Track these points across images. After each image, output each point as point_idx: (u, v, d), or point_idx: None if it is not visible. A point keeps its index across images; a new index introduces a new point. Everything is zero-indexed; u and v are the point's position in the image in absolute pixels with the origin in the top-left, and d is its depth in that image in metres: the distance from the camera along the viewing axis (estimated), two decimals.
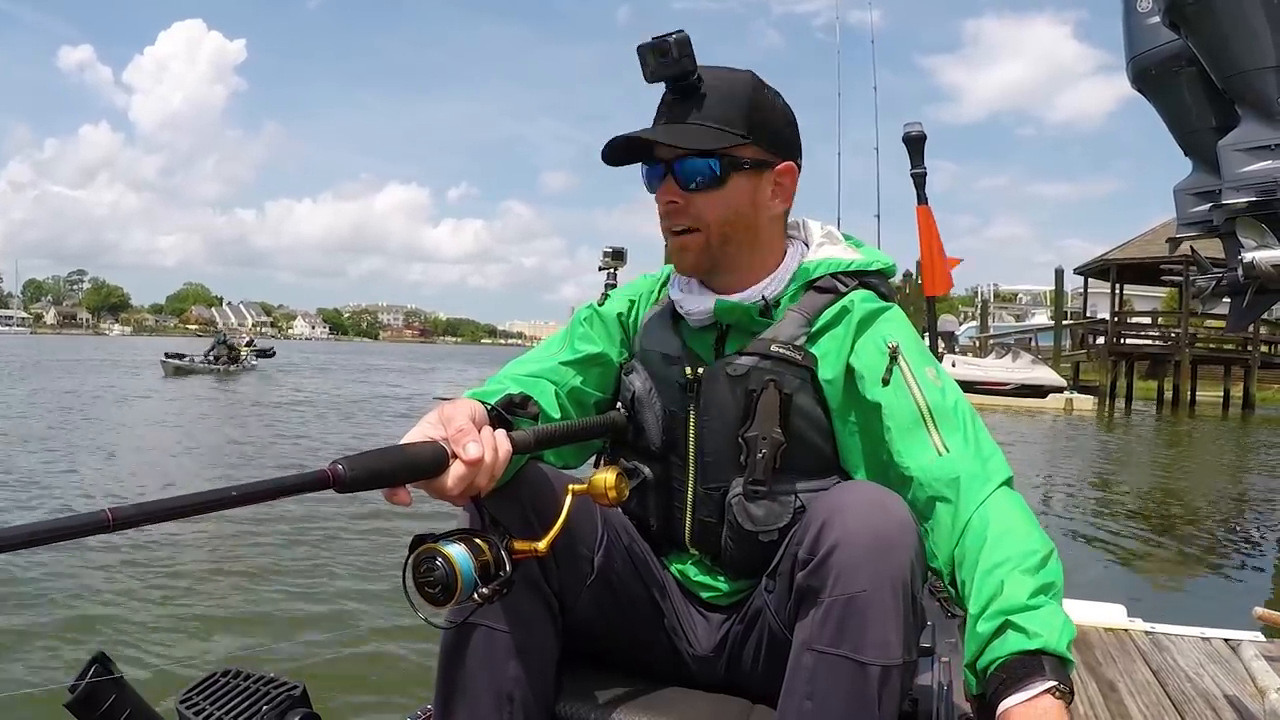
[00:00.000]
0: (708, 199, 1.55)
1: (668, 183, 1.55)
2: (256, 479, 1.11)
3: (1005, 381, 27.63)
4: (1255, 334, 29.93)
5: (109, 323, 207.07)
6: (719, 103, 1.53)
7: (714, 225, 1.56)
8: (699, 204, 1.55)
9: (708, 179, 1.53)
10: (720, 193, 1.55)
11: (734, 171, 1.55)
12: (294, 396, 22.97)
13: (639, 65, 1.50)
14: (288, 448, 12.46)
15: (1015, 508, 1.41)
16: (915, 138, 3.01)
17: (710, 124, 1.52)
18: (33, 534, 0.92)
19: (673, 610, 1.67)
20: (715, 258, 1.59)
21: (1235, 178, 6.78)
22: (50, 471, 9.62)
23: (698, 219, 1.56)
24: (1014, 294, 73.61)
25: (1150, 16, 7.89)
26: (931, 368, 1.56)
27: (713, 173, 1.53)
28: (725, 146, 1.53)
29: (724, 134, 1.53)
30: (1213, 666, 3.11)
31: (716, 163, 1.53)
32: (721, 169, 1.53)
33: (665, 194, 1.56)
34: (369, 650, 4.57)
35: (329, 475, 1.14)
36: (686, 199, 1.55)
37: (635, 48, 1.50)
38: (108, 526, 0.95)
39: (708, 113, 1.53)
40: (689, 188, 1.54)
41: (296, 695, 1.58)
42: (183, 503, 1.02)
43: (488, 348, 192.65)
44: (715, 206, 1.55)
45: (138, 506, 0.98)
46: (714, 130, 1.52)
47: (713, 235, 1.57)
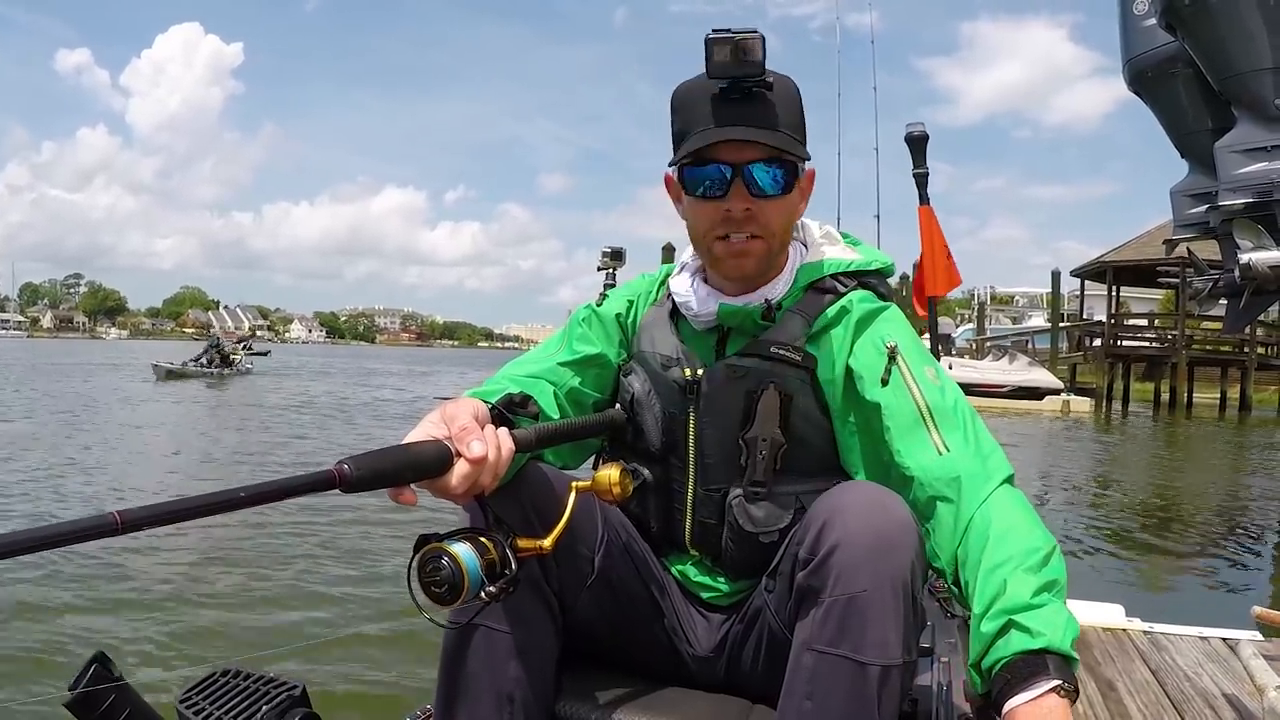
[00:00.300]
0: (776, 206, 1.54)
1: (738, 188, 1.52)
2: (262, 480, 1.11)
3: (1002, 384, 27.62)
4: (1252, 335, 29.99)
5: (106, 326, 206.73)
6: (786, 108, 1.52)
7: (778, 233, 1.57)
8: (767, 211, 1.54)
9: (780, 186, 1.53)
10: (786, 200, 1.55)
11: (796, 179, 1.55)
12: (289, 401, 22.63)
13: (690, 51, 1.49)
14: (286, 456, 12.26)
15: (1017, 505, 1.41)
16: (917, 138, 3.01)
17: (786, 130, 1.51)
18: (41, 539, 0.92)
19: (673, 610, 1.67)
20: (771, 263, 1.60)
21: (1232, 179, 6.78)
22: (36, 479, 9.48)
23: (765, 226, 1.54)
24: (1010, 296, 73.65)
25: (1146, 18, 7.89)
26: (930, 367, 1.56)
27: (785, 181, 1.53)
28: (800, 155, 1.53)
29: (796, 141, 1.53)
30: (1211, 666, 3.11)
31: (786, 170, 1.53)
32: (789, 176, 1.53)
33: (739, 201, 1.52)
34: (369, 650, 4.57)
35: (335, 475, 1.14)
36: (757, 206, 1.53)
37: (704, 38, 1.46)
38: (116, 530, 0.95)
39: (782, 118, 1.51)
40: (761, 194, 1.52)
41: (296, 695, 1.58)
42: (190, 505, 1.02)
43: (485, 351, 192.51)
44: (781, 214, 1.56)
45: (146, 509, 0.98)
46: (790, 137, 1.52)
47: (774, 243, 1.57)
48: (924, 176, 3.04)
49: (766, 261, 1.58)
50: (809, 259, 1.66)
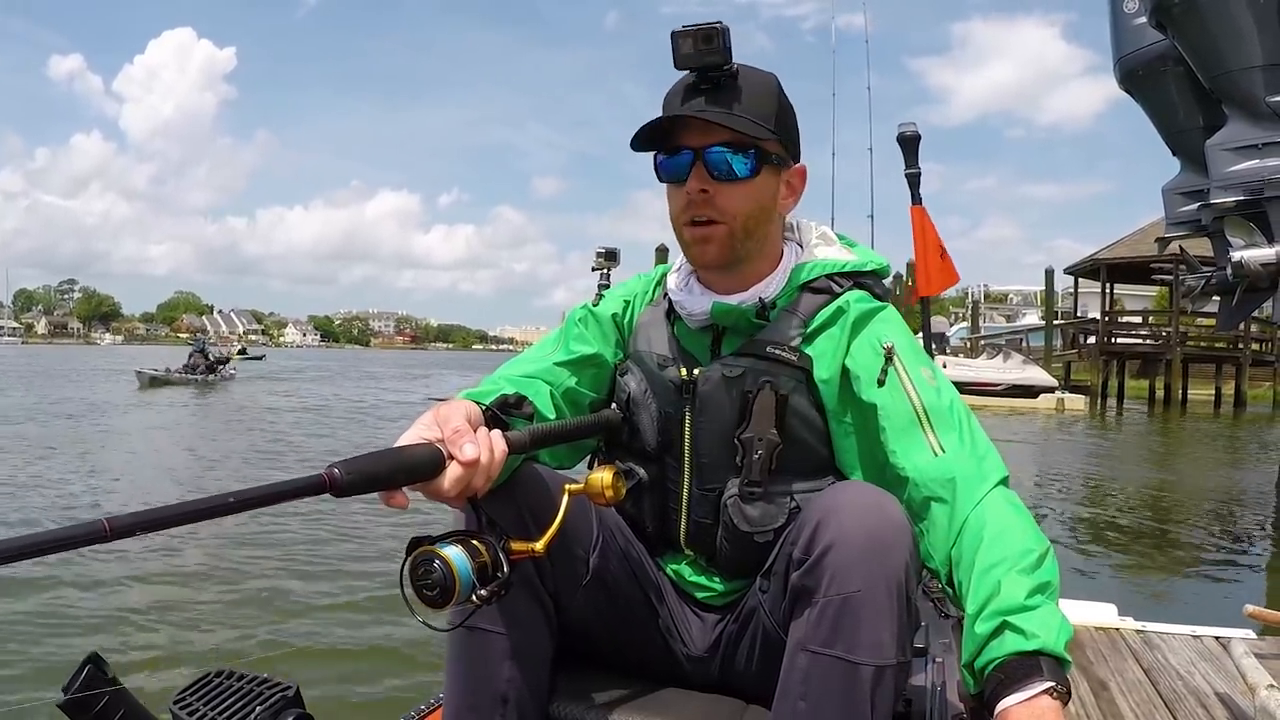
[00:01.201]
0: (738, 190, 1.55)
1: (697, 170, 1.53)
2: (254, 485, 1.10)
3: (997, 382, 27.66)
4: (1246, 332, 30.00)
5: (100, 332, 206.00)
6: (753, 96, 1.54)
7: (739, 219, 1.56)
8: (728, 195, 1.54)
9: (743, 170, 1.53)
10: (750, 185, 1.55)
11: (764, 166, 1.55)
12: (278, 408, 22.43)
13: (670, 50, 1.50)
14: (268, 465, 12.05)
15: (1011, 507, 1.41)
16: (910, 138, 3.01)
17: (748, 115, 1.52)
18: (29, 546, 0.92)
19: (668, 610, 1.67)
20: (737, 253, 1.59)
21: (1223, 177, 6.81)
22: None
23: (724, 211, 1.55)
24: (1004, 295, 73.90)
25: (1137, 17, 7.93)
26: (926, 368, 1.56)
27: (747, 164, 1.54)
28: (762, 139, 1.54)
29: (760, 126, 1.53)
30: (1204, 664, 3.11)
31: (754, 154, 1.53)
32: (756, 161, 1.54)
33: (695, 182, 1.54)
34: (363, 651, 4.57)
35: (325, 480, 1.14)
36: (716, 189, 1.54)
37: (670, 33, 1.50)
38: (105, 536, 0.95)
39: (746, 105, 1.52)
40: (720, 177, 1.53)
41: (290, 696, 1.58)
42: (180, 511, 1.02)
43: (480, 354, 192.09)
44: (744, 199, 1.55)
45: (135, 515, 0.98)
46: (753, 122, 1.53)
47: (737, 229, 1.56)
48: (916, 176, 3.05)
49: (730, 249, 1.58)
50: (804, 259, 1.66)
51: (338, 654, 4.53)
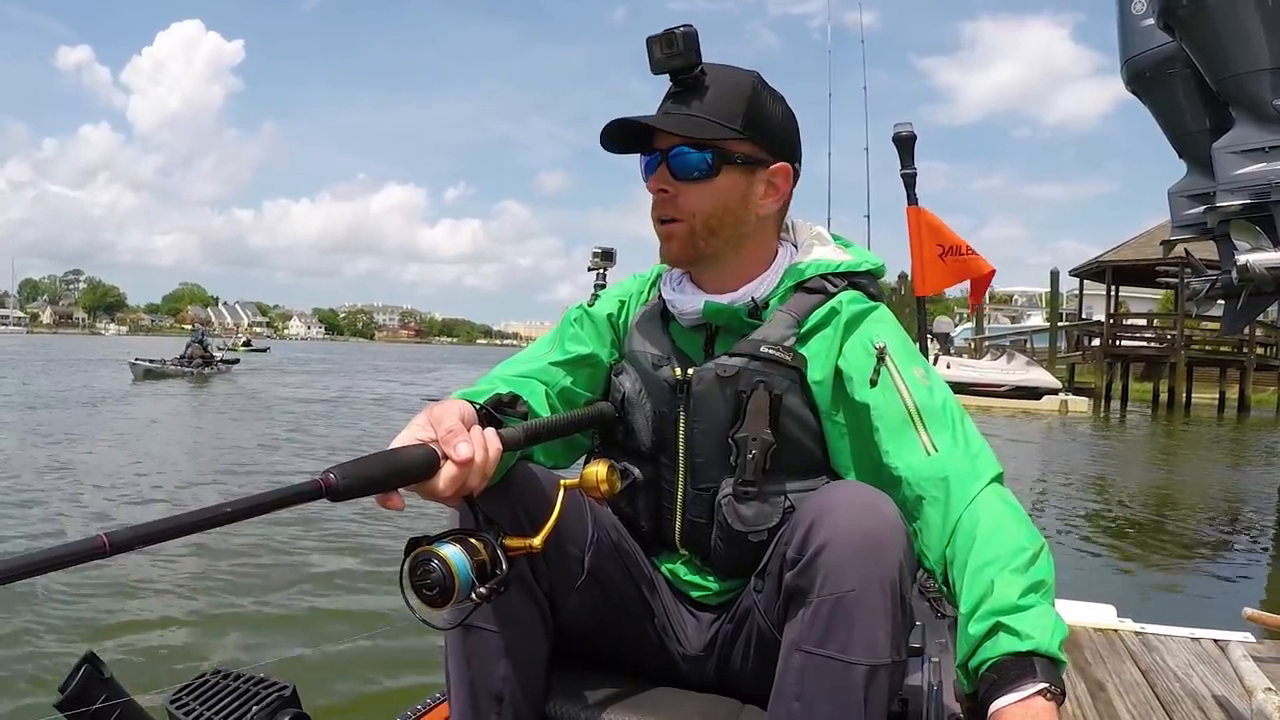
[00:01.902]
0: (697, 190, 1.56)
1: (660, 171, 1.56)
2: (249, 493, 1.11)
3: (1000, 383, 27.63)
4: (1251, 336, 29.98)
5: (105, 322, 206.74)
6: (718, 97, 1.54)
7: (699, 217, 1.57)
8: (688, 194, 1.56)
9: (700, 170, 1.55)
10: (710, 185, 1.56)
11: (725, 165, 1.56)
12: (278, 401, 22.47)
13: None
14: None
15: (1005, 505, 1.41)
16: (905, 138, 3.01)
17: (707, 116, 1.53)
18: (28, 565, 0.93)
19: (663, 610, 1.67)
20: (700, 250, 1.60)
21: (1229, 180, 6.79)
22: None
23: (684, 209, 1.57)
24: (1009, 295, 73.77)
25: (1145, 19, 7.90)
26: (919, 367, 1.56)
27: (705, 164, 1.54)
28: (719, 139, 1.54)
29: (720, 127, 1.54)
30: (1202, 667, 3.12)
31: (710, 154, 1.54)
32: (714, 161, 1.55)
33: (656, 182, 1.57)
34: (360, 650, 4.56)
35: (321, 485, 1.14)
36: (676, 188, 1.56)
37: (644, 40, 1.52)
38: (104, 552, 0.96)
39: (707, 106, 1.54)
40: (680, 177, 1.55)
41: (287, 695, 1.58)
42: (177, 523, 1.03)
43: (484, 348, 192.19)
44: (704, 198, 1.56)
45: (133, 529, 0.99)
46: (710, 123, 1.53)
47: (698, 226, 1.58)
48: (912, 177, 3.04)
49: (692, 246, 1.59)
50: (798, 259, 1.66)
51: (335, 654, 4.52)
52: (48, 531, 6.94)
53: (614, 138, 1.59)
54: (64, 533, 6.91)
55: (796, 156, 1.66)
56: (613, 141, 1.60)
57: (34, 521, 7.39)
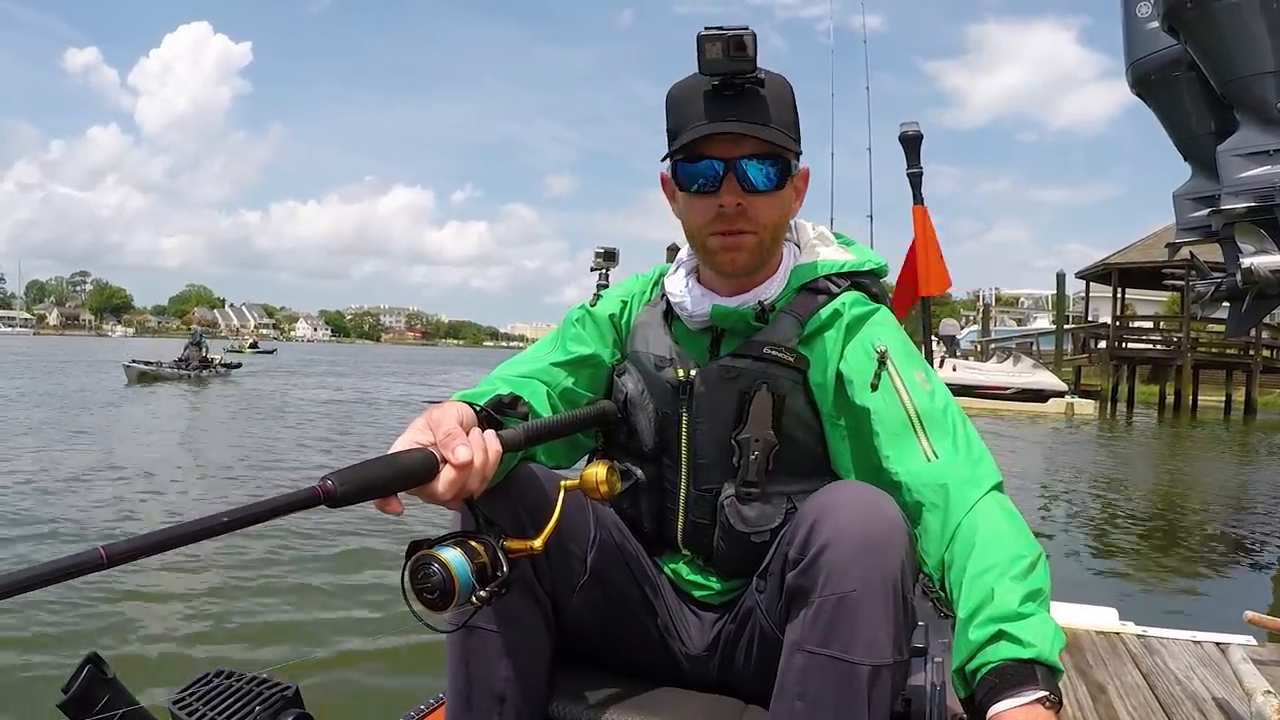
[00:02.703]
0: (767, 201, 1.54)
1: (729, 183, 1.52)
2: (248, 501, 1.12)
3: (1006, 386, 27.59)
4: (1257, 338, 29.93)
5: (111, 324, 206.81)
6: (779, 105, 1.53)
7: (768, 229, 1.56)
8: (759, 206, 1.54)
9: (773, 182, 1.53)
10: (778, 196, 1.55)
11: (789, 176, 1.56)
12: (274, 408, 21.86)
13: (695, 53, 1.47)
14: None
15: (1004, 512, 1.41)
16: (911, 137, 3.00)
17: (778, 126, 1.52)
18: (27, 579, 0.94)
19: (665, 610, 1.68)
20: (763, 260, 1.60)
21: (1234, 183, 6.77)
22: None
23: (755, 222, 1.54)
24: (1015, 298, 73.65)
25: (1150, 22, 7.89)
26: (920, 371, 1.56)
27: (778, 176, 1.53)
28: (789, 150, 1.54)
29: (788, 137, 1.53)
30: (1203, 670, 3.12)
31: (779, 166, 1.53)
32: (782, 172, 1.54)
33: (731, 196, 1.52)
34: (362, 651, 4.58)
35: (319, 492, 1.15)
36: (748, 201, 1.53)
37: (695, 35, 1.46)
38: (101, 564, 0.97)
39: (775, 115, 1.52)
40: (752, 189, 1.52)
41: (289, 695, 1.58)
42: (175, 533, 1.04)
43: (490, 350, 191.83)
44: (773, 209, 1.56)
45: (130, 542, 1.00)
46: (782, 133, 1.52)
47: (765, 238, 1.57)
48: (918, 176, 3.03)
49: (759, 256, 1.58)
50: (803, 260, 1.67)
51: (337, 654, 4.54)
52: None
53: (695, 146, 1.52)
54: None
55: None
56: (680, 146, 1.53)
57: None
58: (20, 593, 0.93)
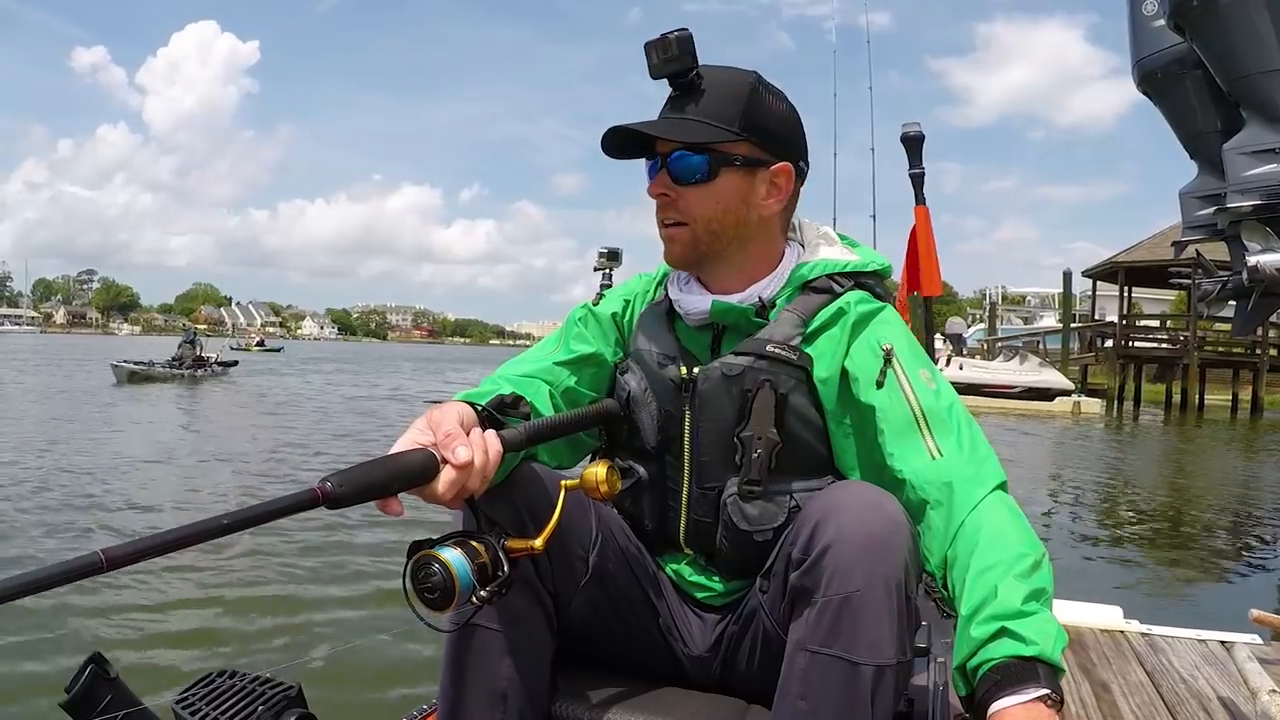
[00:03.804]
0: (697, 193, 1.57)
1: (661, 175, 1.58)
2: (248, 504, 1.12)
3: (1013, 384, 27.59)
4: (1264, 337, 29.82)
5: (118, 322, 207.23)
6: (716, 100, 1.55)
7: (700, 220, 1.58)
8: (688, 198, 1.57)
9: (699, 174, 1.56)
10: (709, 188, 1.57)
11: (724, 168, 1.56)
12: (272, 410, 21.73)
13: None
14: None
15: (1008, 511, 1.40)
16: (913, 138, 3.00)
17: (704, 120, 1.54)
18: (26, 584, 0.95)
19: (668, 610, 1.68)
20: (702, 252, 1.61)
21: (1240, 181, 6.74)
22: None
23: (686, 213, 1.58)
24: (1022, 296, 73.48)
25: (1155, 19, 7.85)
26: (925, 370, 1.56)
27: (704, 167, 1.55)
28: (716, 142, 1.55)
29: (716, 130, 1.54)
30: (1207, 668, 3.12)
31: (707, 158, 1.55)
32: (711, 164, 1.55)
33: (656, 186, 1.59)
34: (365, 651, 4.58)
35: (318, 494, 1.15)
36: (677, 192, 1.57)
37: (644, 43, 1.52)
38: (101, 568, 0.98)
39: (704, 109, 1.54)
40: (680, 181, 1.56)
41: (292, 695, 1.59)
42: (175, 536, 1.04)
43: (497, 348, 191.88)
44: (704, 202, 1.57)
45: (130, 544, 1.01)
46: (707, 126, 1.54)
47: (699, 230, 1.59)
48: (920, 177, 3.03)
49: (694, 249, 1.61)
50: (805, 259, 1.67)
51: (340, 654, 4.54)
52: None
53: (614, 144, 1.60)
54: None
55: (800, 155, 1.66)
56: (613, 148, 1.61)
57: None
58: (20, 597, 0.94)
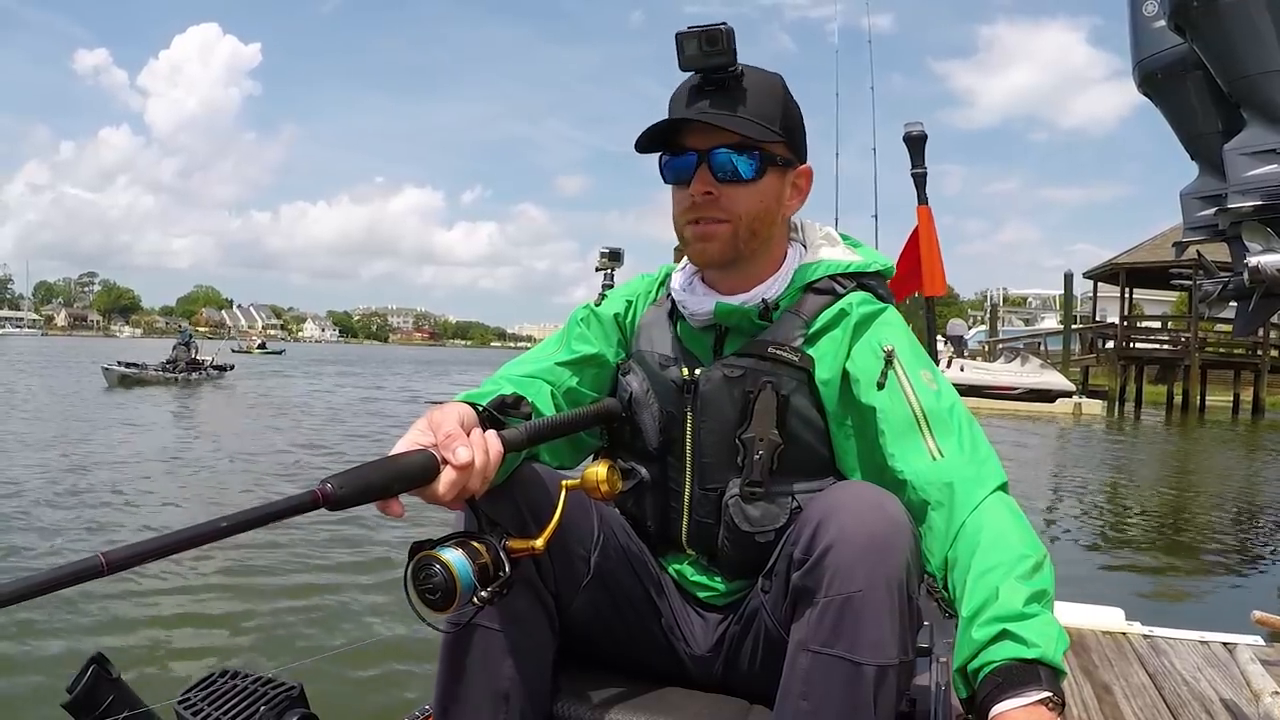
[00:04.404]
0: (742, 192, 1.55)
1: (702, 173, 1.54)
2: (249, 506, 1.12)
3: (1014, 386, 27.58)
4: (1265, 338, 29.80)
5: (119, 324, 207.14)
6: (758, 98, 1.54)
7: (744, 219, 1.56)
8: (733, 196, 1.55)
9: (747, 171, 1.54)
10: (755, 186, 1.56)
11: (770, 167, 1.56)
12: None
13: (675, 51, 1.50)
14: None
15: (1009, 513, 1.41)
16: (916, 137, 3.00)
17: (751, 117, 1.53)
18: (27, 588, 0.95)
19: (670, 610, 1.68)
20: (740, 251, 1.59)
21: (1241, 182, 6.74)
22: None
23: (729, 211, 1.55)
24: (1023, 298, 73.43)
25: (1156, 20, 7.85)
26: (927, 371, 1.56)
27: (752, 165, 1.54)
28: (767, 141, 1.54)
29: (764, 129, 1.54)
30: (1210, 670, 3.11)
31: (758, 156, 1.54)
32: (760, 163, 1.54)
33: (700, 184, 1.54)
34: (367, 650, 4.58)
35: (318, 495, 1.15)
36: (720, 190, 1.54)
37: (674, 34, 1.50)
38: (102, 571, 0.99)
39: (751, 107, 1.53)
40: (724, 179, 1.54)
41: (294, 695, 1.59)
42: (175, 539, 1.05)
43: (498, 350, 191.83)
44: (748, 200, 1.56)
45: (130, 548, 1.02)
46: (755, 124, 1.53)
47: (741, 229, 1.57)
48: (922, 176, 3.03)
49: (733, 248, 1.58)
50: (808, 259, 1.67)
51: (342, 654, 4.53)
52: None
53: (655, 137, 1.57)
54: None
55: (806, 159, 1.67)
56: (650, 142, 1.58)
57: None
58: (21, 600, 0.94)
